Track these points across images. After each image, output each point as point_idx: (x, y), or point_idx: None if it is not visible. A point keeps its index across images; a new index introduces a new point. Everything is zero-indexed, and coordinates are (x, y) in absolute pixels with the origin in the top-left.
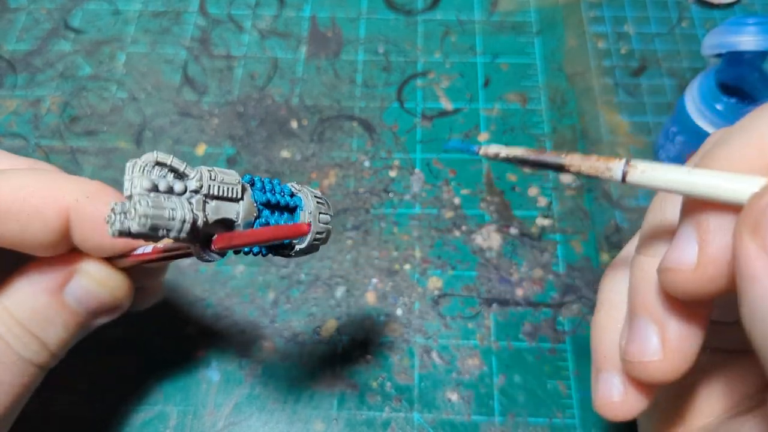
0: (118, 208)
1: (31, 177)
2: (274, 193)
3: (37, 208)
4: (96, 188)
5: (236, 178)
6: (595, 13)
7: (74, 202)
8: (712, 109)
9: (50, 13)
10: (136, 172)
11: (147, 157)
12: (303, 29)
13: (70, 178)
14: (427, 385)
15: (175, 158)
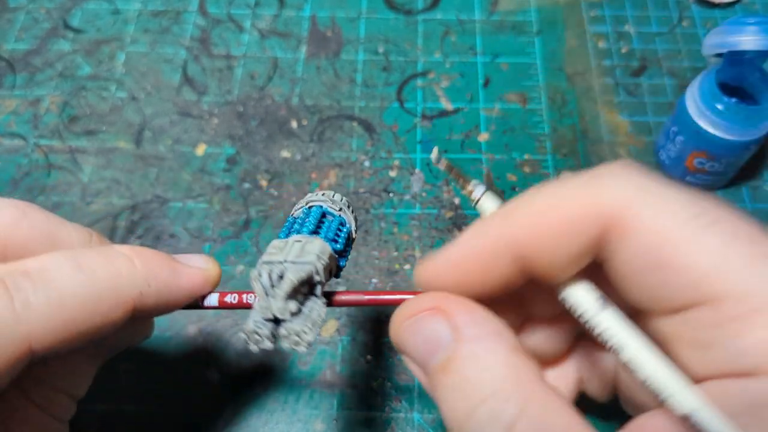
0: (265, 331)
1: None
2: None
3: (105, 315)
4: (151, 273)
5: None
6: (595, 12)
7: (139, 295)
8: (713, 108)
9: (49, 13)
10: (277, 293)
11: (286, 284)
12: (303, 29)
13: (131, 268)
14: None
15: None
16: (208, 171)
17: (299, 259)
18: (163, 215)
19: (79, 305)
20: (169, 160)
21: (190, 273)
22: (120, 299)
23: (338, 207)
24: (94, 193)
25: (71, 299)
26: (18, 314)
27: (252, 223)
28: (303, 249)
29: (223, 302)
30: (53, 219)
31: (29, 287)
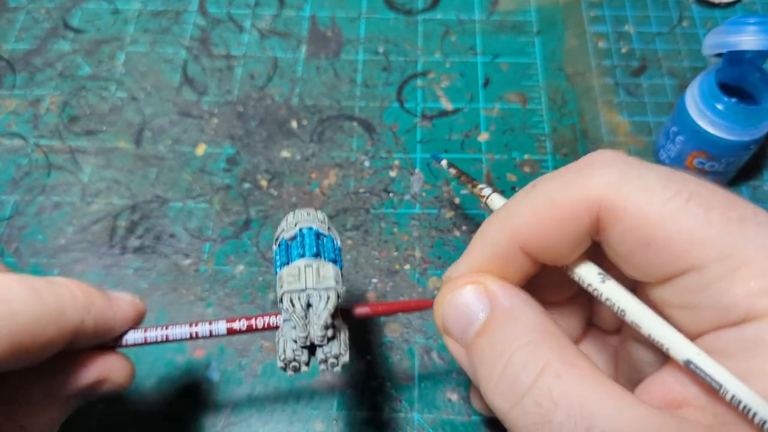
0: (304, 358)
1: (36, 305)
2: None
3: (50, 339)
4: (90, 301)
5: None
6: (595, 12)
7: (80, 321)
8: (713, 108)
9: (49, 13)
10: (317, 322)
11: (326, 314)
12: (303, 29)
13: (73, 295)
14: (427, 385)
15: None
16: (208, 171)
17: (320, 285)
18: (163, 215)
19: (29, 323)
20: (169, 160)
21: (123, 304)
22: (64, 323)
23: (326, 226)
24: (94, 193)
25: (23, 316)
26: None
27: (252, 223)
28: (318, 274)
29: (231, 329)
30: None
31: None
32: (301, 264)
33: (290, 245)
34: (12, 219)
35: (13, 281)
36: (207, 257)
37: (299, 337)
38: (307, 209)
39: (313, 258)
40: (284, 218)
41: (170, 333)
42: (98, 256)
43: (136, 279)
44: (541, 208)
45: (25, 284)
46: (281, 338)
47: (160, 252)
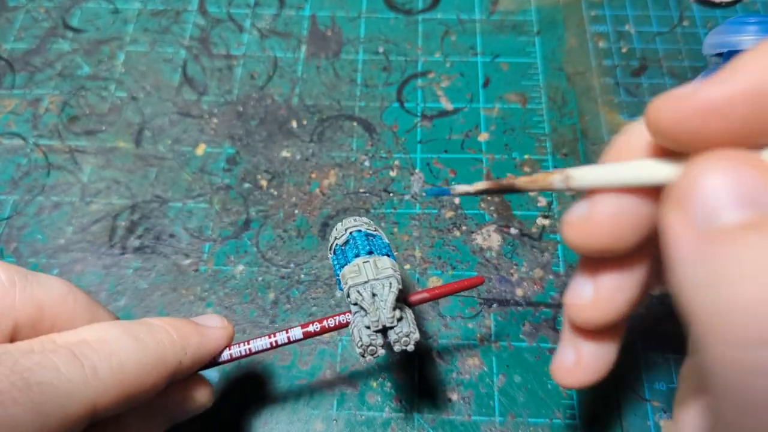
0: (379, 341)
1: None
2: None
3: (153, 383)
4: (186, 342)
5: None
6: (595, 12)
7: (178, 363)
8: None
9: (49, 12)
10: (384, 306)
11: (392, 296)
12: (303, 29)
13: (171, 339)
14: (427, 385)
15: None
16: (208, 171)
17: (380, 275)
18: (163, 215)
19: (135, 372)
20: (169, 160)
21: (215, 335)
22: (166, 366)
23: (373, 227)
24: (93, 193)
25: (129, 366)
26: (87, 379)
27: (252, 223)
28: (377, 266)
29: (307, 333)
30: (91, 298)
31: (94, 355)
32: (359, 261)
33: (345, 249)
34: (11, 219)
35: (119, 333)
36: (207, 257)
37: (372, 322)
38: (353, 216)
39: (367, 255)
40: (334, 228)
41: (253, 346)
42: (98, 256)
43: (136, 279)
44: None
45: (129, 334)
46: (354, 328)
47: (159, 252)
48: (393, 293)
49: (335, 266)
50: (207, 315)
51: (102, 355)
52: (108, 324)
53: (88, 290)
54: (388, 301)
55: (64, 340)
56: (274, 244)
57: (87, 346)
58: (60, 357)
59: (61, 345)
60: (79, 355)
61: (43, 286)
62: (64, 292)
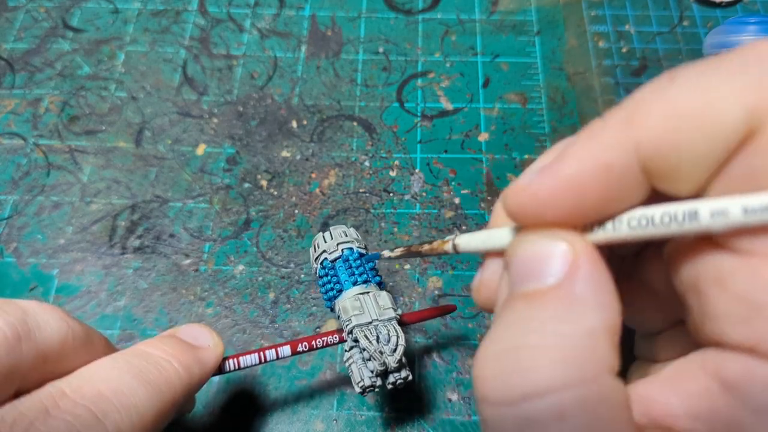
0: (378, 383)
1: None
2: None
3: (170, 412)
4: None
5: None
6: (595, 12)
7: (184, 393)
8: None
9: (49, 12)
10: (393, 357)
11: (400, 349)
12: (303, 29)
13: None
14: (427, 385)
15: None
16: (208, 171)
17: (383, 316)
18: (163, 215)
19: (153, 419)
20: (169, 159)
21: (208, 357)
22: (175, 403)
23: (363, 244)
24: (93, 193)
25: (149, 416)
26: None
27: (252, 223)
28: (377, 303)
29: (295, 351)
30: (84, 325)
31: (115, 413)
32: (359, 294)
33: (335, 267)
34: (11, 219)
35: (134, 381)
36: (207, 257)
37: (377, 369)
38: (341, 227)
39: (364, 285)
40: (319, 236)
41: (242, 361)
42: (98, 256)
43: (136, 279)
44: (687, 108)
45: (142, 380)
46: (353, 365)
47: (160, 252)
48: (402, 346)
49: (324, 283)
50: (197, 327)
51: (123, 411)
52: (118, 369)
53: (88, 290)
54: (399, 352)
55: (79, 395)
56: (274, 244)
57: (106, 402)
58: (82, 420)
59: (79, 403)
60: (100, 415)
61: (44, 331)
62: (63, 333)
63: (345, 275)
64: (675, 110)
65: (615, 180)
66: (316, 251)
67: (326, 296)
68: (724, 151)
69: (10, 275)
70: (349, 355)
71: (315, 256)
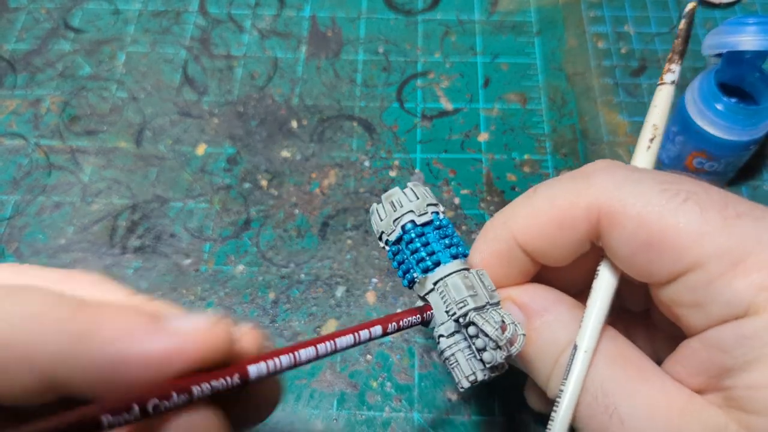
0: (488, 377)
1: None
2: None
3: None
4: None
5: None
6: (595, 13)
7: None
8: (713, 108)
9: (50, 13)
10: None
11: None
12: (303, 29)
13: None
14: (427, 385)
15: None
16: (209, 171)
17: (493, 299)
18: (164, 215)
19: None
20: (169, 160)
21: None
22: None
23: (434, 206)
24: (94, 193)
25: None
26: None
27: (252, 223)
28: (483, 284)
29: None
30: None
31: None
32: (460, 268)
33: (426, 233)
34: (13, 219)
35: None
36: (207, 257)
37: (497, 361)
38: (418, 186)
39: (463, 258)
40: (396, 192)
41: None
42: (98, 256)
43: (137, 279)
44: (541, 211)
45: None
46: (458, 353)
47: (160, 252)
48: (523, 335)
49: (414, 250)
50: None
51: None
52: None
53: None
54: (520, 342)
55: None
56: (275, 244)
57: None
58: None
59: None
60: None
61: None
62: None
63: (440, 245)
64: (534, 211)
65: (506, 260)
66: (398, 210)
67: (420, 266)
68: (573, 236)
69: None
70: (450, 342)
71: (395, 218)
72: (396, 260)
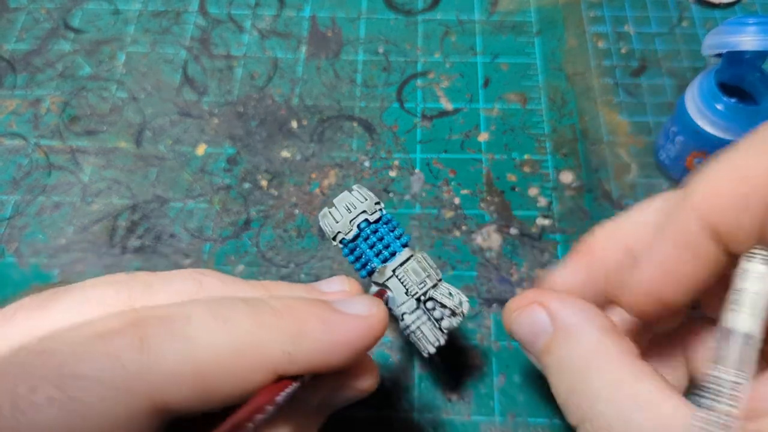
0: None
1: (246, 326)
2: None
3: (245, 375)
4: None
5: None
6: (595, 12)
7: (283, 355)
8: (713, 109)
9: (50, 13)
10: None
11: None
12: (303, 29)
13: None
14: (427, 385)
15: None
16: (209, 171)
17: (438, 275)
18: (164, 215)
19: (214, 360)
20: (169, 160)
21: (347, 326)
22: (261, 359)
23: (372, 202)
24: (94, 193)
25: (206, 354)
26: (147, 366)
27: (252, 223)
28: (430, 265)
29: None
30: (229, 283)
31: (163, 336)
32: (410, 254)
33: (358, 244)
34: (12, 219)
35: (204, 312)
36: (207, 257)
37: (453, 326)
38: (345, 197)
39: (394, 255)
40: (326, 212)
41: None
42: (98, 256)
43: None
44: (736, 177)
45: (215, 315)
46: (422, 326)
47: (160, 252)
48: (467, 300)
49: (362, 259)
50: (359, 297)
51: (173, 337)
52: (201, 300)
53: None
54: (466, 304)
55: (140, 315)
56: (275, 244)
57: (160, 324)
58: (122, 342)
59: (135, 323)
60: (144, 334)
61: (168, 293)
62: (192, 293)
63: (391, 237)
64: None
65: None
66: (352, 212)
67: (380, 258)
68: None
69: (11, 275)
70: (414, 318)
71: (351, 218)
72: (354, 255)
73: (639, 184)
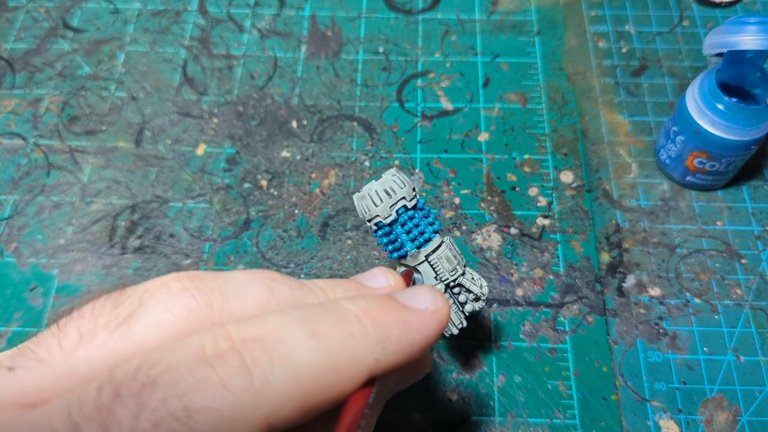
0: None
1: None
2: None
3: (343, 387)
4: (390, 329)
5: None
6: (595, 12)
7: (375, 362)
8: (713, 108)
9: (49, 12)
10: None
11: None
12: (303, 29)
13: (364, 333)
14: (427, 385)
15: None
16: (208, 171)
17: (463, 262)
18: (163, 215)
19: (315, 378)
20: (169, 160)
21: (423, 322)
22: (356, 368)
23: (415, 190)
24: (93, 193)
25: (308, 373)
26: (258, 394)
27: (252, 223)
28: (457, 251)
29: None
30: (295, 288)
31: (266, 361)
32: (441, 241)
33: (394, 229)
34: (12, 219)
35: (298, 330)
36: (207, 257)
37: (476, 310)
38: (386, 181)
39: (435, 235)
40: (366, 193)
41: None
42: (98, 256)
43: (136, 279)
44: None
45: (309, 332)
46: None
47: (160, 252)
48: (487, 285)
49: (396, 243)
50: (419, 287)
51: (275, 360)
52: (288, 316)
53: (89, 290)
54: (486, 289)
55: (236, 337)
56: (274, 244)
57: (259, 349)
58: (227, 369)
59: (234, 348)
60: (249, 362)
61: (242, 301)
62: (264, 299)
63: (425, 224)
64: None
65: None
66: (393, 197)
67: (415, 243)
68: None
69: (11, 275)
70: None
71: (391, 204)
72: (388, 238)
73: (639, 183)
